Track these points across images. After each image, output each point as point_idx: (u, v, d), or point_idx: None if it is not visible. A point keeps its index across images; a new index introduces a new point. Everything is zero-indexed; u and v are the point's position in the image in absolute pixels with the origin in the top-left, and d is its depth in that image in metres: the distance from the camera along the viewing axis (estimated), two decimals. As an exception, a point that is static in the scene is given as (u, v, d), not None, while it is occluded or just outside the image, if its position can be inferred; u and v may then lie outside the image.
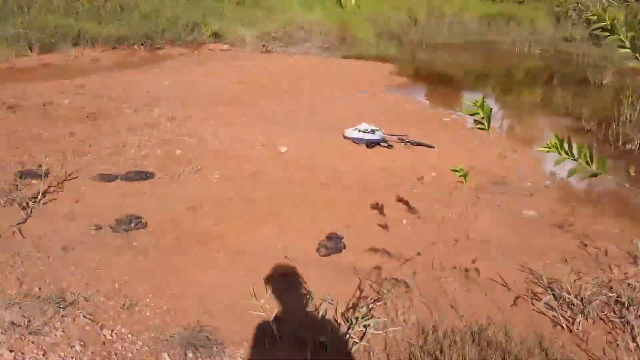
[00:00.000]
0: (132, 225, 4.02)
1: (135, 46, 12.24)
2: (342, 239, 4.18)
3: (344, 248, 4.06)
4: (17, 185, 4.44)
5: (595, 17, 1.40)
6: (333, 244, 4.07)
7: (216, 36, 14.10)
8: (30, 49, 10.41)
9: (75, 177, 4.73)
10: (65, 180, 4.66)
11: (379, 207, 4.72)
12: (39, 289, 3.07)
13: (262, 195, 4.78)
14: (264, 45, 13.93)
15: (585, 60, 13.67)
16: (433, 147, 6.51)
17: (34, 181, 4.55)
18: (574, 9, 18.10)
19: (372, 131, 6.59)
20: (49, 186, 4.45)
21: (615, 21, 1.40)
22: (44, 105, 6.76)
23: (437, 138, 6.95)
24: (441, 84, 12.11)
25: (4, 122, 6.01)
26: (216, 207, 4.50)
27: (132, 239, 3.86)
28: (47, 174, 4.49)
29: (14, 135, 5.63)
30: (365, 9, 16.98)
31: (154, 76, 9.27)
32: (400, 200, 4.84)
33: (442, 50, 14.96)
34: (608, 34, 1.40)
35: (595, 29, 1.42)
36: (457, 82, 12.22)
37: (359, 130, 6.62)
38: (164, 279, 3.38)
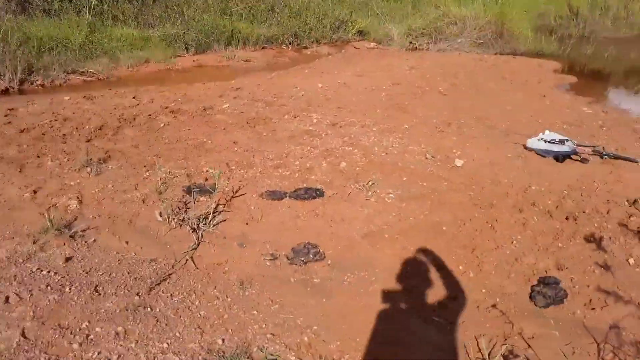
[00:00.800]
0: (311, 255, 3.55)
1: (284, 46, 12.12)
2: (560, 283, 3.38)
3: (566, 297, 3.26)
4: (185, 202, 4.16)
5: None
6: (552, 291, 3.29)
7: (361, 33, 13.65)
8: (187, 49, 10.60)
9: (243, 194, 4.38)
10: (233, 197, 4.32)
11: (594, 241, 3.85)
12: (222, 340, 2.65)
13: (448, 221, 4.10)
14: (411, 42, 13.19)
15: None
16: (637, 162, 5.42)
17: (202, 198, 4.26)
18: None
19: (561, 141, 5.62)
20: (217, 204, 4.12)
21: None
22: (204, 109, 6.61)
23: (634, 149, 5.85)
24: (618, 84, 10.64)
25: (169, 129, 5.89)
26: (398, 235, 3.90)
27: (312, 273, 3.38)
28: (214, 189, 4.17)
29: (178, 143, 5.46)
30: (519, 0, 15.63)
31: (307, 78, 8.92)
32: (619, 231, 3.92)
33: (609, 45, 13.15)
34: None
35: None
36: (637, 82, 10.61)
37: (545, 141, 5.68)
38: (357, 332, 2.84)
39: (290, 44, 12.19)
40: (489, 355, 2.67)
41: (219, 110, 6.65)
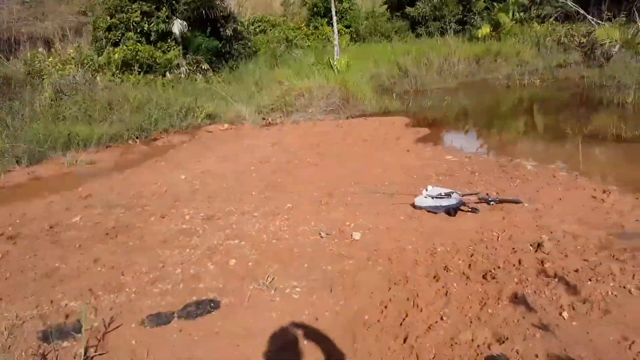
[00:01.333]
0: (223, 394, 2.78)
1: (130, 141, 11.18)
2: (509, 360, 2.97)
3: (523, 376, 2.85)
4: (44, 354, 3.17)
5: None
6: (507, 374, 2.85)
7: (210, 117, 13.19)
8: (18, 162, 9.24)
9: (118, 326, 3.48)
10: (106, 333, 3.40)
11: (521, 299, 3.55)
12: None
13: (368, 308, 3.59)
14: (263, 118, 13.02)
15: (592, 81, 13.53)
16: (520, 202, 5.44)
17: (64, 343, 3.29)
18: (566, 35, 18.18)
19: (447, 194, 5.50)
20: (87, 349, 3.19)
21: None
22: (50, 228, 5.53)
23: (512, 190, 5.92)
24: (464, 127, 11.32)
25: (8, 260, 4.76)
26: (316, 340, 3.28)
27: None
28: (80, 329, 3.24)
29: (23, 275, 4.38)
30: (354, 68, 16.51)
31: (165, 171, 8.13)
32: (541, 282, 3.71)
33: (443, 95, 14.31)
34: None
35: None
36: (481, 123, 11.41)
37: (432, 197, 5.51)
38: None
39: (137, 137, 11.28)
40: None
41: (68, 225, 5.61)
